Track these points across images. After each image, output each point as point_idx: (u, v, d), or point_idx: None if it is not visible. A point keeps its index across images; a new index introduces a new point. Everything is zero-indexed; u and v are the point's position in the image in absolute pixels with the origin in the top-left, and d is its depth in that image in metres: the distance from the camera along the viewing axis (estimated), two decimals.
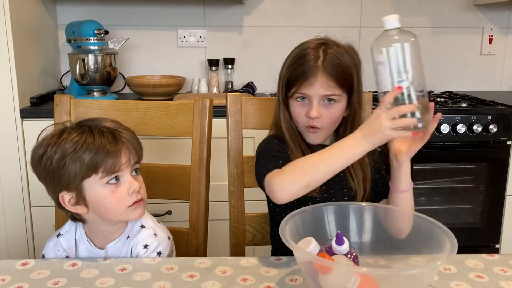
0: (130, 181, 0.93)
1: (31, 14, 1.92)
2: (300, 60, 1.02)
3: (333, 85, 1.00)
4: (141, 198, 0.96)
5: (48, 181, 0.93)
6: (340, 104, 1.03)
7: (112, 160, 0.90)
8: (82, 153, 0.89)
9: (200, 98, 1.20)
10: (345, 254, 0.75)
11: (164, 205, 1.81)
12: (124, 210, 0.94)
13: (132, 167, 0.95)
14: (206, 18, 2.29)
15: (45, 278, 0.86)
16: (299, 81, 1.01)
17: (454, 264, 0.90)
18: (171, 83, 2.03)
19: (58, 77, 2.21)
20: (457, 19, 2.41)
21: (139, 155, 0.97)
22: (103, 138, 0.91)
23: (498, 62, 2.48)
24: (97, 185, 0.91)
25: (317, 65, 0.99)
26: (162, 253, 0.99)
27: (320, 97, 1.01)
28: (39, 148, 0.92)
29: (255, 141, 1.68)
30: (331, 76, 0.99)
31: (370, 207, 0.88)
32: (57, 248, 1.01)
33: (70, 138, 0.90)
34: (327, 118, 1.02)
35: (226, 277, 0.86)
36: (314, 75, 0.99)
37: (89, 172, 0.90)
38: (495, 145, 1.91)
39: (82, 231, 1.01)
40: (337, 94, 1.01)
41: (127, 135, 0.95)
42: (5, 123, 1.72)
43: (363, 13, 2.36)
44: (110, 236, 1.00)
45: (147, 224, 1.00)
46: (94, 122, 0.95)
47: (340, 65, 1.00)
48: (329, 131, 1.06)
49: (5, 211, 1.77)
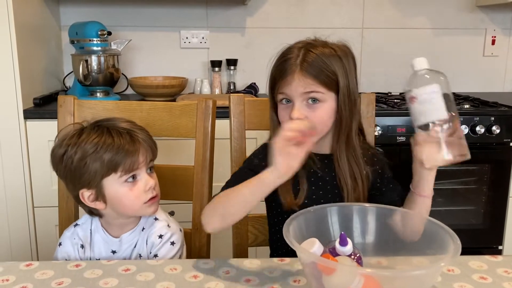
0: (147, 178, 0.99)
1: (34, 15, 1.93)
2: (280, 59, 1.00)
3: (311, 83, 0.95)
4: (156, 194, 1.01)
5: (69, 179, 0.98)
6: (326, 104, 0.97)
7: (131, 160, 0.96)
8: (102, 153, 0.94)
9: (203, 99, 1.20)
10: (349, 255, 0.75)
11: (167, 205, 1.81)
12: (141, 206, 0.99)
13: (147, 165, 1.01)
14: (209, 19, 2.30)
15: (49, 278, 0.86)
16: (280, 80, 0.98)
17: (458, 265, 0.90)
18: (173, 84, 2.04)
19: (61, 78, 2.22)
20: (460, 20, 2.41)
21: (154, 153, 1.03)
22: (122, 139, 0.96)
23: (501, 63, 2.48)
24: (116, 183, 0.97)
25: (295, 63, 0.96)
26: (176, 243, 1.03)
27: (301, 95, 0.96)
28: (59, 149, 0.97)
29: (258, 142, 1.68)
30: (307, 73, 0.95)
31: (374, 208, 0.88)
32: (74, 237, 1.05)
33: (90, 139, 0.95)
34: (313, 118, 0.96)
35: (229, 277, 0.86)
36: (291, 73, 0.96)
37: (109, 171, 0.95)
38: (498, 147, 1.91)
39: (98, 223, 1.06)
40: (319, 92, 0.96)
41: (143, 135, 1.00)
42: (8, 123, 1.73)
43: (365, 14, 2.36)
44: (125, 227, 1.04)
45: (160, 216, 1.06)
46: (110, 123, 1.00)
47: (319, 62, 0.96)
48: (318, 132, 0.97)
49: (8, 212, 1.78)
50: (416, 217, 0.90)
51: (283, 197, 1.01)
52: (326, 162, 1.04)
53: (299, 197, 1.01)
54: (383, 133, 1.85)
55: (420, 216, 0.90)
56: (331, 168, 1.04)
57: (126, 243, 1.04)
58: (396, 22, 2.37)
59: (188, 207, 1.23)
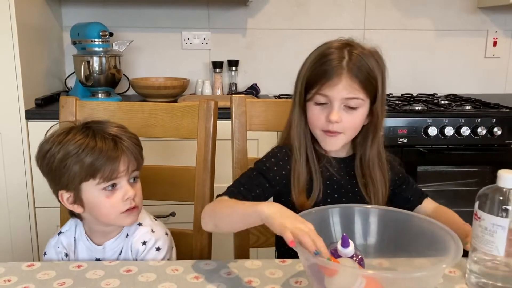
0: (126, 188, 0.96)
1: (36, 16, 1.93)
2: (323, 59, 0.95)
3: (357, 88, 0.93)
4: (135, 205, 0.98)
5: (50, 178, 0.97)
6: (362, 110, 0.97)
7: (111, 167, 0.93)
8: (83, 156, 0.91)
9: (205, 100, 1.20)
10: (351, 257, 0.75)
11: (168, 206, 1.81)
12: (117, 216, 0.97)
13: (130, 175, 0.97)
14: (210, 20, 2.30)
15: (51, 279, 0.86)
16: (321, 81, 0.94)
17: (459, 267, 0.90)
18: (175, 85, 2.04)
19: (63, 78, 2.22)
20: (462, 21, 2.41)
21: (138, 163, 0.99)
22: (105, 144, 0.93)
23: (502, 64, 2.48)
24: (94, 189, 0.94)
25: (341, 65, 0.93)
26: (162, 248, 1.01)
27: (342, 100, 0.94)
28: (46, 144, 0.95)
29: (259, 143, 1.68)
30: (356, 78, 0.93)
31: (376, 209, 0.88)
32: (58, 245, 1.04)
33: (74, 139, 0.93)
34: (348, 122, 0.96)
35: (231, 279, 0.86)
36: (338, 76, 0.93)
37: (87, 176, 0.92)
38: (500, 148, 1.91)
39: (81, 230, 1.04)
40: (360, 99, 0.95)
41: (128, 143, 0.96)
42: (10, 124, 1.73)
43: (367, 15, 2.36)
44: (108, 235, 1.02)
45: (144, 222, 1.03)
46: (99, 126, 0.97)
47: (366, 67, 0.94)
48: (349, 136, 1.00)
49: (10, 212, 1.78)
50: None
51: (295, 197, 1.00)
52: (342, 165, 1.05)
53: (311, 198, 1.00)
54: (384, 134, 1.85)
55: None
56: (346, 171, 1.05)
57: (110, 250, 1.01)
58: (398, 23, 2.37)
59: (189, 208, 1.23)
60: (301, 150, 1.01)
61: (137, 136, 1.01)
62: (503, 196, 0.79)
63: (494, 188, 0.81)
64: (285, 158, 1.03)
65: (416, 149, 1.87)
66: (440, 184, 2.03)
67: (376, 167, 1.03)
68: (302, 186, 1.00)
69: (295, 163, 1.01)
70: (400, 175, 1.12)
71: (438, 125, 1.87)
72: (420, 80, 2.44)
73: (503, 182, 0.79)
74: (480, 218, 0.81)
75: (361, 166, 1.04)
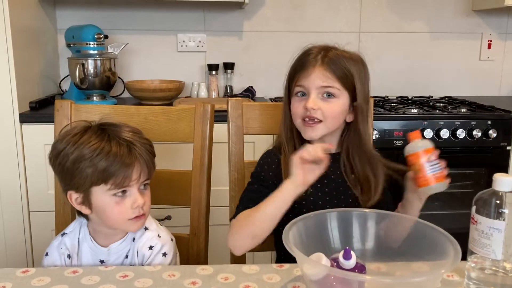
0: (136, 197, 0.96)
1: (30, 19, 1.92)
2: (302, 55, 1.05)
3: (329, 77, 1.00)
4: (143, 213, 0.98)
5: (61, 177, 0.96)
6: (340, 101, 1.02)
7: (124, 174, 0.92)
8: (97, 161, 0.91)
9: (201, 103, 1.20)
10: (352, 269, 0.73)
11: (163, 210, 1.80)
12: (125, 222, 0.96)
13: (141, 183, 0.97)
14: (206, 23, 2.29)
15: (45, 285, 0.85)
16: (298, 73, 1.03)
17: (457, 270, 0.90)
18: (170, 88, 2.03)
19: (58, 81, 2.21)
20: (456, 24, 2.42)
21: (150, 172, 0.99)
22: (119, 150, 0.92)
23: (497, 67, 2.49)
24: (105, 194, 0.94)
25: (316, 58, 1.02)
26: (167, 253, 1.01)
27: (318, 89, 1.01)
28: (60, 143, 0.95)
29: (256, 146, 1.68)
30: (328, 67, 1.00)
31: (374, 213, 0.87)
32: (61, 246, 1.03)
33: (89, 142, 0.92)
34: (326, 110, 1.01)
35: (228, 284, 0.86)
36: (312, 66, 1.01)
37: (99, 180, 0.92)
38: (495, 150, 1.91)
39: (86, 231, 1.03)
40: (335, 87, 1.01)
41: (142, 150, 0.96)
42: (4, 127, 1.71)
43: (363, 18, 2.36)
44: (113, 237, 1.02)
45: (150, 226, 1.03)
46: (115, 129, 0.96)
47: (341, 62, 1.01)
48: (329, 126, 1.03)
49: (4, 216, 1.76)
50: (408, 223, 0.90)
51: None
52: (331, 161, 1.04)
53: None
54: (380, 137, 1.85)
55: (410, 223, 0.90)
56: (336, 167, 1.07)
57: (115, 253, 1.01)
58: (393, 26, 2.38)
59: (185, 211, 1.23)
60: (289, 144, 1.07)
61: (151, 141, 1.01)
62: (499, 199, 0.79)
63: (490, 192, 0.81)
64: (275, 161, 1.08)
65: None
66: None
67: (366, 166, 1.05)
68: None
69: (284, 156, 1.06)
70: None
71: (434, 128, 1.87)
72: (415, 83, 2.44)
73: (499, 185, 0.80)
74: (477, 222, 0.81)
75: (348, 162, 1.07)
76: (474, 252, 0.82)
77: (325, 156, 0.90)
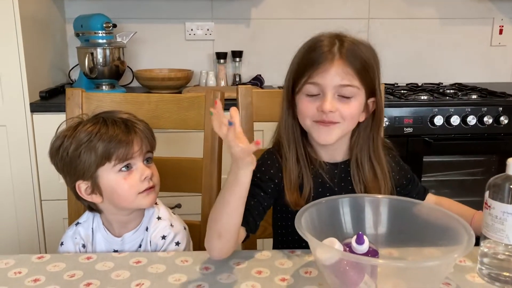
0: (142, 168, 0.97)
1: (39, 9, 1.92)
2: (311, 48, 0.89)
3: (351, 74, 0.87)
4: (153, 184, 0.99)
5: (66, 171, 0.97)
6: (358, 101, 0.90)
7: (124, 149, 0.94)
8: (96, 142, 0.93)
9: (211, 91, 1.19)
10: (366, 253, 0.73)
11: (174, 198, 1.81)
12: (136, 197, 0.97)
13: (144, 156, 0.98)
14: (214, 11, 2.28)
15: (61, 270, 0.86)
16: (311, 69, 0.88)
17: (470, 256, 0.90)
18: (179, 76, 2.03)
19: (67, 71, 2.21)
20: (467, 9, 2.39)
21: (151, 145, 1.01)
22: (116, 128, 0.95)
23: (508, 53, 2.46)
24: (111, 172, 0.95)
25: (332, 50, 0.87)
26: (181, 242, 1.01)
27: (336, 88, 0.87)
28: (56, 140, 0.97)
29: (264, 134, 1.68)
30: (349, 62, 0.86)
31: (386, 199, 0.87)
32: (75, 236, 1.04)
33: (84, 128, 0.94)
34: (345, 111, 0.89)
35: (241, 269, 0.86)
36: (330, 61, 0.86)
37: (102, 160, 0.93)
38: (506, 137, 1.90)
39: (99, 221, 1.04)
40: (355, 86, 0.88)
41: (140, 125, 0.98)
42: (15, 117, 1.73)
43: (371, 4, 2.34)
44: (127, 226, 1.02)
45: (163, 215, 1.03)
46: (108, 114, 0.99)
47: (360, 54, 0.88)
48: (346, 128, 0.92)
49: (16, 205, 1.78)
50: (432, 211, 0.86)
51: (289, 196, 0.96)
52: (336, 171, 0.99)
53: (303, 196, 0.95)
54: (390, 124, 1.84)
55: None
56: (341, 178, 0.99)
57: (129, 242, 1.02)
58: (403, 12, 2.35)
59: (196, 199, 1.23)
60: (291, 147, 0.96)
61: (146, 122, 1.03)
62: None
63: (504, 177, 0.81)
64: (275, 164, 0.97)
65: (422, 139, 1.86)
66: (445, 174, 2.02)
67: (378, 171, 0.96)
68: (294, 184, 0.95)
69: (285, 161, 0.96)
70: (408, 176, 1.07)
71: (444, 115, 1.86)
72: (425, 69, 2.42)
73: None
74: (491, 207, 0.81)
75: (357, 171, 0.97)
76: (487, 237, 0.82)
77: (232, 109, 0.73)
